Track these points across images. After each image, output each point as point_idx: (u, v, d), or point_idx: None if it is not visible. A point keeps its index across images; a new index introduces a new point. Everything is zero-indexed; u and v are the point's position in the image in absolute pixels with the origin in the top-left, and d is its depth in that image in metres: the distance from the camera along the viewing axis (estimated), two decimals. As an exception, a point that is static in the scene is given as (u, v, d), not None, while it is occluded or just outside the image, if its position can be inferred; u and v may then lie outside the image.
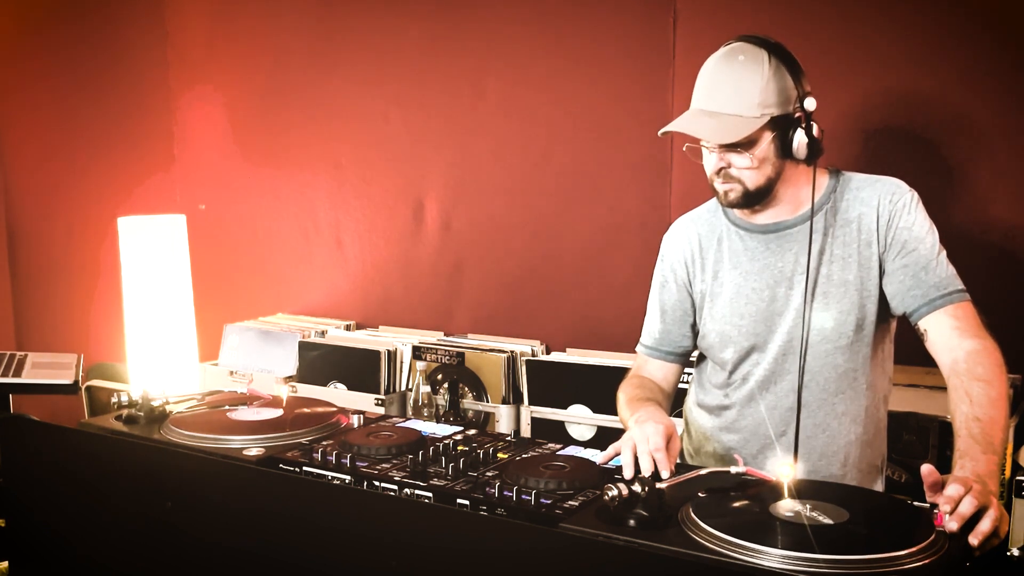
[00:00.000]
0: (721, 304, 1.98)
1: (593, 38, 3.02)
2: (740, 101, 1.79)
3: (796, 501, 1.49)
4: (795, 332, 1.90)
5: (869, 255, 1.86)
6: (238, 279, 3.96)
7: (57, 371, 3.32)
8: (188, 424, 2.00)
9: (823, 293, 1.88)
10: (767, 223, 1.94)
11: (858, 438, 1.94)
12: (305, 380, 3.30)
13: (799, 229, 1.90)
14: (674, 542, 1.40)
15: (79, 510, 1.92)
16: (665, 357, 2.10)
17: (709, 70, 1.85)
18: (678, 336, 2.08)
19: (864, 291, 1.87)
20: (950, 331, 1.78)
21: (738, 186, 1.86)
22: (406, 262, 3.51)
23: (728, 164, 1.85)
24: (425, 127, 3.40)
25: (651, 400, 1.93)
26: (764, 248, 1.94)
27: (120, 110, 4.14)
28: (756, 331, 1.93)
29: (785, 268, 1.92)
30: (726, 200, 1.90)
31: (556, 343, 3.13)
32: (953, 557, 1.36)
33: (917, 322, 1.83)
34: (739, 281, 1.96)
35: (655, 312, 2.11)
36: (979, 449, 1.58)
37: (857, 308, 1.87)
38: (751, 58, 1.80)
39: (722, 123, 1.80)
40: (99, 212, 4.08)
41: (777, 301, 1.92)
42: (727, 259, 1.98)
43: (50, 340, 4.30)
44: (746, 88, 1.79)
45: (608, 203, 3.06)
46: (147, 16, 4.02)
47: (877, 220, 1.86)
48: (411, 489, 1.68)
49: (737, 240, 1.97)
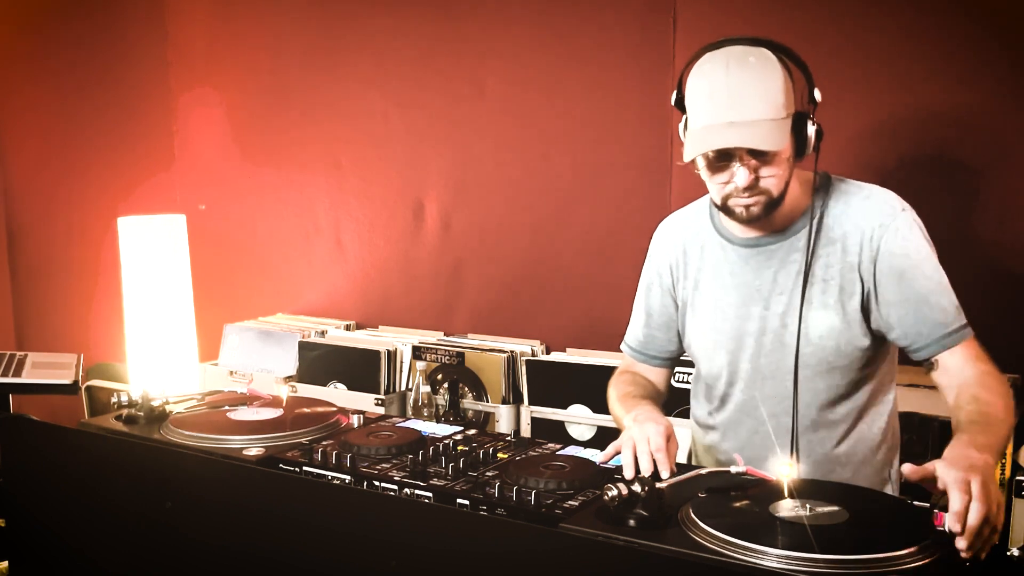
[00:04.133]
0: (700, 316, 1.93)
1: (593, 38, 3.02)
2: (768, 105, 1.66)
3: (796, 501, 1.49)
4: (768, 355, 1.83)
5: (853, 279, 1.76)
6: (238, 279, 3.96)
7: (57, 371, 3.32)
8: (188, 424, 2.00)
9: (804, 316, 1.78)
10: (748, 236, 1.85)
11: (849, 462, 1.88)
12: (305, 380, 3.30)
13: (780, 246, 1.82)
14: (674, 542, 1.40)
15: (79, 510, 1.92)
16: (650, 361, 2.06)
17: (722, 80, 1.67)
18: (663, 341, 2.04)
19: (846, 316, 1.78)
20: (963, 360, 1.73)
21: (762, 198, 1.72)
22: (406, 262, 3.51)
23: (758, 175, 1.70)
24: (425, 127, 3.40)
25: (645, 398, 1.90)
26: (743, 263, 1.86)
27: (120, 110, 4.14)
28: (730, 348, 1.88)
29: (762, 287, 1.83)
30: (748, 215, 1.75)
31: (556, 343, 3.13)
32: (953, 557, 1.36)
33: (927, 357, 1.76)
34: (718, 294, 1.90)
35: (640, 315, 2.06)
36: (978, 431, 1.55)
37: (839, 333, 1.78)
38: (760, 59, 1.68)
39: (760, 130, 1.66)
40: (99, 212, 4.08)
41: (750, 320, 1.85)
42: (708, 269, 1.92)
43: (50, 340, 4.30)
44: (770, 89, 1.67)
45: (608, 203, 3.06)
46: (147, 16, 4.02)
47: (862, 244, 1.75)
48: (411, 489, 1.68)
49: (719, 250, 1.90)
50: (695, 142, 1.70)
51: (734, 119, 1.66)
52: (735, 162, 1.70)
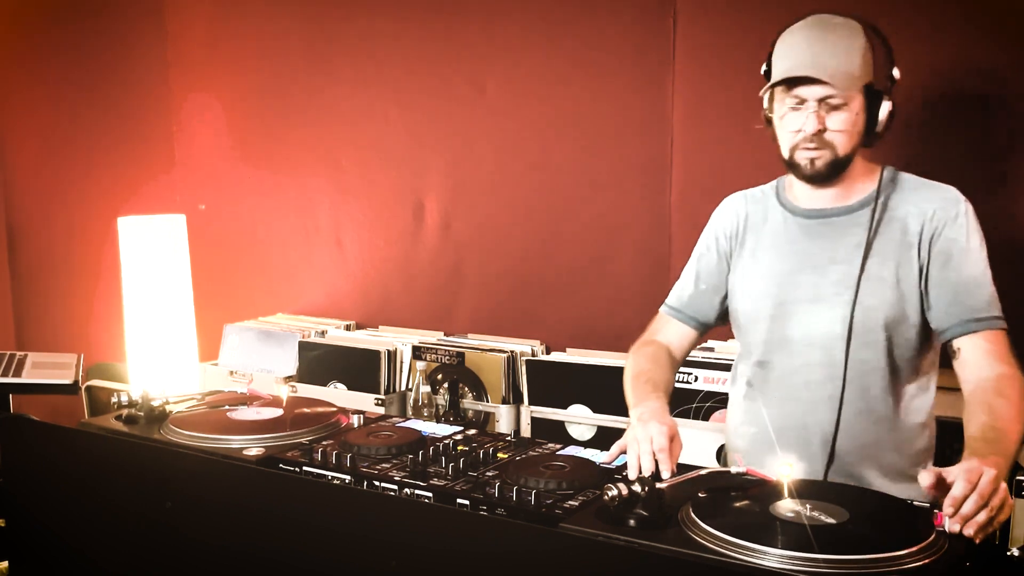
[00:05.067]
0: (751, 282, 1.98)
1: (593, 39, 3.02)
2: (845, 58, 1.78)
3: (796, 501, 1.49)
4: (819, 323, 1.88)
5: (910, 257, 1.84)
6: (238, 279, 3.96)
7: (57, 371, 3.33)
8: (188, 424, 2.00)
9: (860, 287, 1.84)
10: (812, 208, 1.93)
11: (882, 440, 1.89)
12: (305, 380, 3.30)
13: (842, 220, 1.89)
14: (674, 542, 1.40)
15: (79, 510, 1.92)
16: (688, 321, 2.09)
17: (804, 37, 1.82)
18: (707, 306, 2.07)
19: (899, 291, 1.84)
20: (984, 355, 1.77)
21: (828, 152, 1.83)
22: (406, 262, 3.51)
23: (825, 127, 1.81)
24: (425, 127, 3.40)
25: (656, 391, 1.90)
26: (803, 234, 1.93)
27: (120, 110, 4.14)
28: (781, 313, 1.92)
29: (817, 257, 1.90)
30: (812, 168, 1.85)
31: (556, 343, 3.13)
32: (953, 557, 1.36)
33: (950, 340, 1.81)
34: (772, 262, 1.95)
35: (690, 276, 2.10)
36: (989, 450, 1.56)
37: (889, 306, 1.84)
38: (847, 26, 1.81)
39: (835, 71, 1.78)
40: (99, 212, 4.08)
41: (803, 287, 1.90)
42: (767, 238, 1.98)
43: (50, 340, 4.30)
44: (850, 47, 1.79)
45: (608, 203, 3.06)
46: (147, 17, 4.02)
47: (923, 225, 1.84)
48: (411, 489, 1.68)
49: (780, 221, 1.97)
50: (775, 81, 1.83)
51: (813, 63, 1.78)
52: (806, 109, 1.81)
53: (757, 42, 2.71)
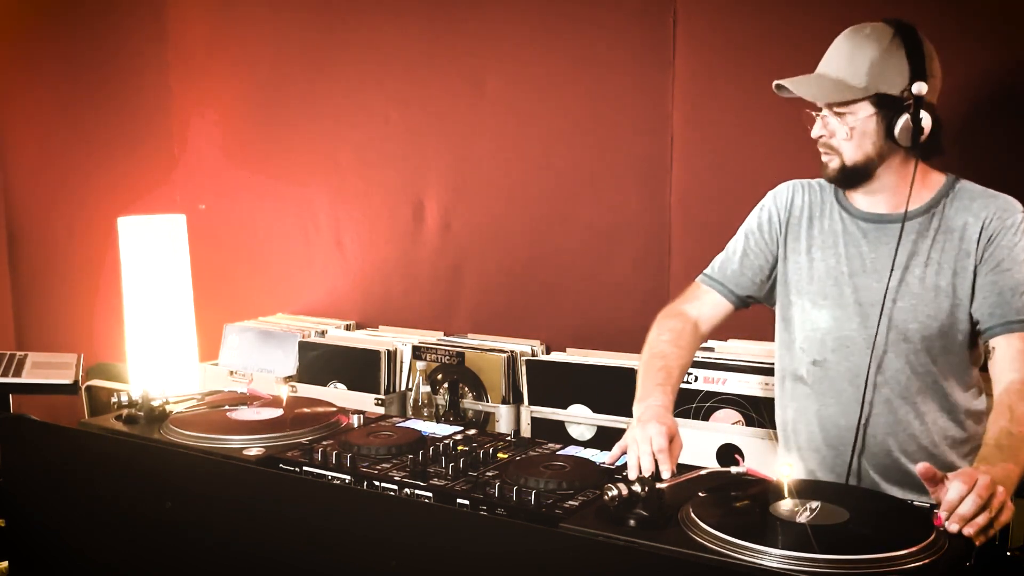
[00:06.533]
0: (809, 280, 1.97)
1: (593, 38, 3.02)
2: (850, 69, 1.83)
3: (796, 501, 1.49)
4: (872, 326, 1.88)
5: (966, 265, 1.85)
6: (238, 279, 3.96)
7: (57, 371, 3.33)
8: (188, 424, 2.00)
9: (913, 294, 1.86)
10: (870, 211, 1.93)
11: (930, 446, 1.90)
12: (305, 380, 3.30)
13: (898, 226, 1.89)
14: (674, 542, 1.40)
15: (79, 510, 1.92)
16: (725, 293, 2.07)
17: (836, 40, 1.89)
18: (747, 282, 2.06)
19: (955, 299, 1.85)
20: (1016, 354, 1.77)
21: (836, 158, 1.88)
22: (406, 262, 3.50)
23: (829, 133, 1.87)
24: (425, 127, 3.40)
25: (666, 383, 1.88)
26: (862, 236, 1.93)
27: (120, 110, 4.14)
28: (836, 315, 1.93)
29: (877, 261, 1.90)
30: (825, 171, 1.92)
31: (556, 343, 3.12)
32: (953, 557, 1.36)
33: (989, 339, 1.82)
34: (831, 262, 1.95)
35: (736, 251, 2.08)
36: (1000, 457, 1.56)
37: (944, 314, 1.85)
38: (875, 32, 1.83)
39: (823, 84, 1.86)
40: (99, 212, 4.08)
41: (860, 291, 1.91)
42: (824, 237, 1.98)
43: (50, 340, 4.30)
44: (858, 57, 1.82)
45: (608, 203, 3.06)
46: (147, 17, 4.02)
47: (980, 232, 1.84)
48: (411, 489, 1.68)
49: (839, 221, 1.97)
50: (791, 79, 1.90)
51: (819, 72, 1.88)
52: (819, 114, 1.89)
53: (757, 42, 2.73)
